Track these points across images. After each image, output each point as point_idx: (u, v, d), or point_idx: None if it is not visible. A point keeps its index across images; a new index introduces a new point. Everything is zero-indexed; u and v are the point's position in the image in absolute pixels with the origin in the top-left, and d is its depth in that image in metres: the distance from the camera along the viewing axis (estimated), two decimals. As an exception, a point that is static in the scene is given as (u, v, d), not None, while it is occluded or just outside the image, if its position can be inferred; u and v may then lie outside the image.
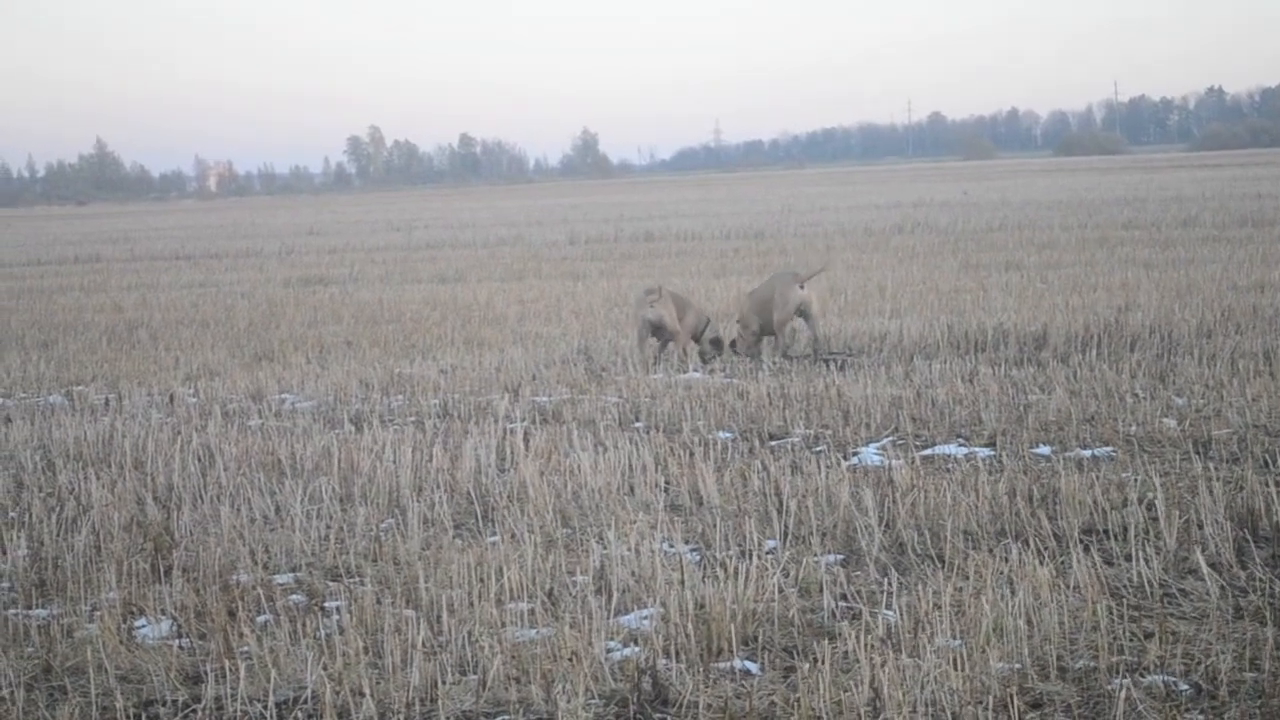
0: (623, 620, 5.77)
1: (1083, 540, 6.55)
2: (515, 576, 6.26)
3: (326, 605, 6.19)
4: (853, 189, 68.74)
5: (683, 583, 6.01)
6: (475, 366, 13.09)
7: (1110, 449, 8.34)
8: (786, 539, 6.88)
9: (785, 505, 7.24)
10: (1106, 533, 6.69)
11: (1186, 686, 4.92)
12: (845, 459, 8.45)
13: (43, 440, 10.17)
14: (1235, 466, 7.76)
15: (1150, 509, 6.88)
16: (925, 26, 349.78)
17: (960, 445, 8.71)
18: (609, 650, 5.44)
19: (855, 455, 8.57)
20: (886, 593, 5.94)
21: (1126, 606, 5.68)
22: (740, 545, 6.72)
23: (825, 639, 5.42)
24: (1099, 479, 7.45)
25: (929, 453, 8.55)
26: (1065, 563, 6.18)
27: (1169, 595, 5.86)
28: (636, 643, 5.52)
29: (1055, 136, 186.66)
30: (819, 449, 8.82)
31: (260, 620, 5.99)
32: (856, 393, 10.43)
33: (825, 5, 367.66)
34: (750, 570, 6.02)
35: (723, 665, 5.32)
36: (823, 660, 5.10)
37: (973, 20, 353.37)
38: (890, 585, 6.00)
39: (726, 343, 13.19)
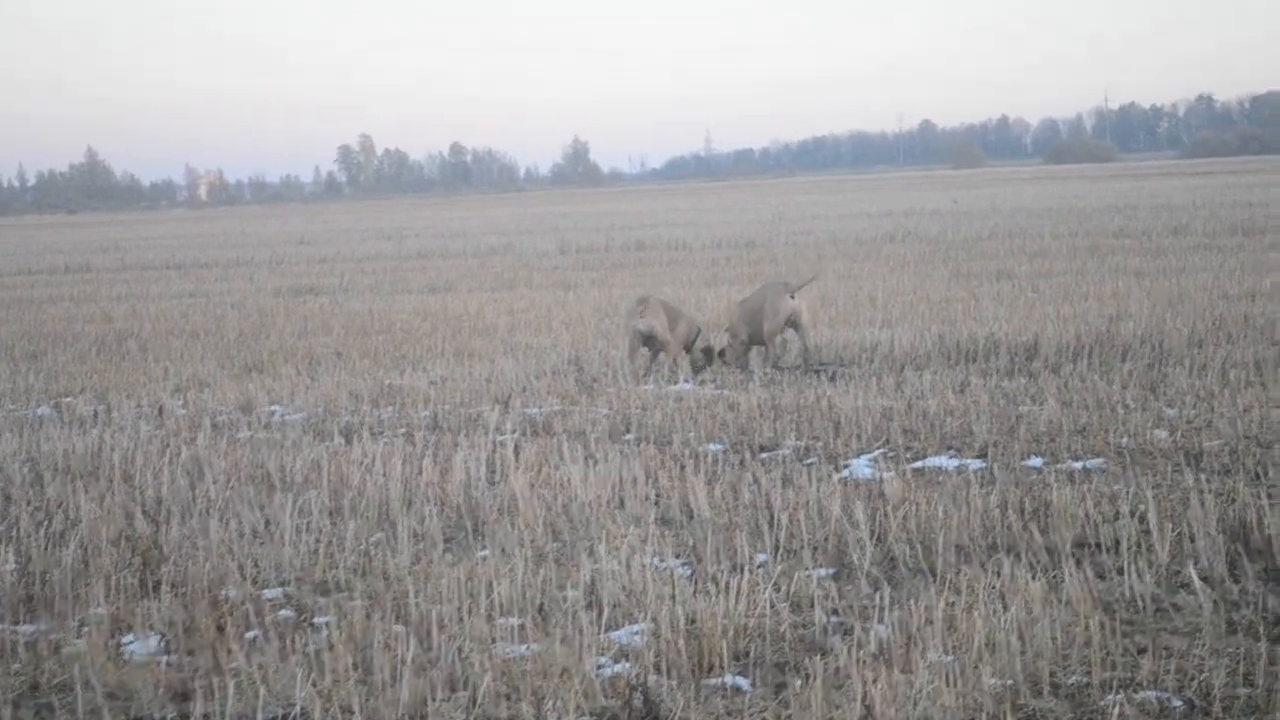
0: (613, 636, 5.74)
1: (1074, 554, 6.53)
2: (505, 591, 6.23)
3: (316, 621, 6.15)
4: (843, 198, 68.87)
5: (674, 598, 5.98)
6: (465, 378, 13.06)
7: (1102, 461, 8.33)
8: (778, 553, 6.85)
9: (776, 519, 7.21)
10: (1099, 546, 6.67)
11: (1180, 703, 4.90)
12: (836, 471, 8.43)
13: (31, 453, 10.12)
14: (1227, 478, 7.73)
15: (1142, 522, 6.85)
16: (915, 35, 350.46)
17: (951, 457, 8.69)
18: (600, 666, 5.41)
19: (846, 467, 8.56)
20: (878, 607, 5.91)
21: (1119, 621, 5.66)
22: (731, 559, 6.69)
23: (817, 654, 5.39)
24: (1090, 491, 7.43)
25: (920, 465, 8.53)
26: (1057, 577, 6.16)
27: (1161, 610, 5.84)
28: (627, 659, 5.49)
29: (1045, 144, 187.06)
30: (810, 461, 8.80)
31: (249, 636, 5.95)
32: (847, 404, 10.41)
33: (816, 14, 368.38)
34: (741, 585, 6.00)
35: (714, 681, 5.30)
36: (814, 676, 5.07)
37: (962, 28, 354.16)
38: (882, 600, 5.98)
39: (716, 352, 13.16)
